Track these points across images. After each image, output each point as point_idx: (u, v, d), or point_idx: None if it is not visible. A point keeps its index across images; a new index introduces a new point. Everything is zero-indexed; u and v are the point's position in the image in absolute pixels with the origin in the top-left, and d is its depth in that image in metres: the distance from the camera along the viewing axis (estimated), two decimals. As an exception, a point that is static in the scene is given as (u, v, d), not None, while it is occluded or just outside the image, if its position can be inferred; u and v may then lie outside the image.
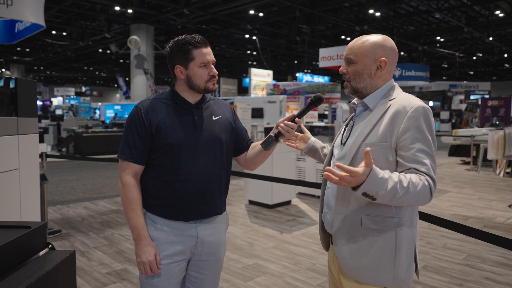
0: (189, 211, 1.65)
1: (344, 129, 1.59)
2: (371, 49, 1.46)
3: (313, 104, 1.61)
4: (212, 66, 1.67)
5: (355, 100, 1.59)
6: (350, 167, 1.25)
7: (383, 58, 1.46)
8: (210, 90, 1.68)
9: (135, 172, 1.65)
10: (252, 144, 1.87)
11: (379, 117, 1.42)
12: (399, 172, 1.36)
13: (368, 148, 1.24)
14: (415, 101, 1.40)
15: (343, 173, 1.23)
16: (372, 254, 1.41)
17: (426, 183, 1.30)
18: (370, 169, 1.26)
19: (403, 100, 1.42)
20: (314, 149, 1.83)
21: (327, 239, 1.66)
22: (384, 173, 1.28)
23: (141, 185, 1.67)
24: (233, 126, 1.81)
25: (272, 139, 1.64)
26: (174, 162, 1.62)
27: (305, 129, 1.87)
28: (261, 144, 1.68)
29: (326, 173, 1.26)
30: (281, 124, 1.62)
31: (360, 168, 1.24)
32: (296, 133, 1.83)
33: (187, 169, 1.63)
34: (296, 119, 1.61)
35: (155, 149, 1.63)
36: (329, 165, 1.60)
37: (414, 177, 1.30)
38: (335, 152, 1.57)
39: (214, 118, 1.72)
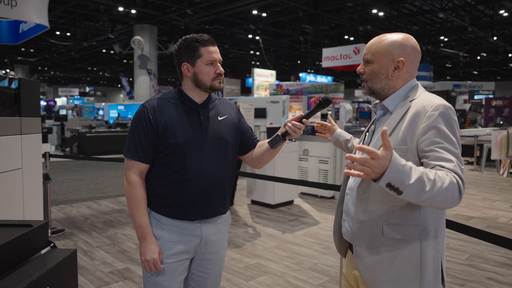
0: (194, 211, 1.65)
1: (366, 134, 1.52)
2: (389, 49, 1.39)
3: (321, 105, 1.61)
4: (219, 64, 1.68)
5: (375, 103, 1.51)
6: (371, 148, 1.10)
7: (401, 59, 1.38)
8: (216, 88, 1.69)
9: (141, 171, 1.65)
10: (259, 143, 1.87)
11: (398, 119, 1.35)
12: None
13: (385, 128, 1.10)
14: (435, 100, 1.32)
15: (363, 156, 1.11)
16: (396, 266, 1.32)
17: (454, 181, 1.18)
18: (391, 153, 1.10)
19: (423, 100, 1.34)
20: (338, 141, 1.87)
21: (344, 246, 1.59)
22: (406, 161, 1.14)
23: (146, 184, 1.67)
24: (238, 126, 1.82)
25: (279, 138, 1.65)
26: (181, 162, 1.63)
27: (332, 121, 1.91)
28: (269, 143, 1.70)
29: (347, 163, 1.13)
30: (289, 124, 1.62)
31: (380, 150, 1.11)
32: (325, 123, 1.91)
33: (193, 168, 1.63)
34: (304, 119, 1.61)
35: (161, 148, 1.64)
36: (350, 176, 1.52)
37: (440, 172, 1.18)
38: None
39: (220, 118, 1.73)
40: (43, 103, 28.19)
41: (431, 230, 1.33)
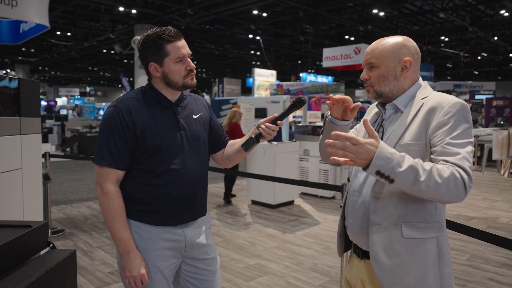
0: (178, 215, 1.58)
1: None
2: (393, 50, 1.38)
3: (295, 106, 1.57)
4: (189, 60, 1.56)
5: (381, 101, 1.46)
6: (349, 134, 1.10)
7: (407, 58, 1.37)
8: (189, 86, 1.59)
9: (118, 179, 1.53)
10: (230, 142, 1.82)
11: (412, 116, 1.34)
12: None
13: (365, 118, 1.14)
14: (451, 98, 1.32)
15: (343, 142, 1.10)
16: (416, 266, 1.29)
17: (457, 175, 1.15)
18: (378, 141, 1.12)
19: (438, 97, 1.34)
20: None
21: (343, 246, 1.56)
22: (399, 152, 1.16)
23: (121, 190, 1.56)
24: (212, 124, 1.76)
25: (253, 140, 1.60)
26: (162, 165, 1.54)
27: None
28: (242, 145, 1.63)
29: (327, 149, 1.13)
30: (262, 126, 1.56)
31: (365, 139, 1.12)
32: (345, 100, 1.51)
33: (176, 171, 1.56)
34: (278, 121, 1.56)
35: (140, 152, 1.53)
36: (356, 175, 1.47)
37: (440, 165, 1.17)
38: None
39: (194, 117, 1.67)
40: (43, 103, 28.20)
41: (443, 226, 1.34)
